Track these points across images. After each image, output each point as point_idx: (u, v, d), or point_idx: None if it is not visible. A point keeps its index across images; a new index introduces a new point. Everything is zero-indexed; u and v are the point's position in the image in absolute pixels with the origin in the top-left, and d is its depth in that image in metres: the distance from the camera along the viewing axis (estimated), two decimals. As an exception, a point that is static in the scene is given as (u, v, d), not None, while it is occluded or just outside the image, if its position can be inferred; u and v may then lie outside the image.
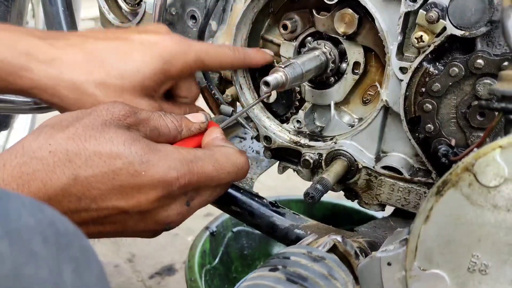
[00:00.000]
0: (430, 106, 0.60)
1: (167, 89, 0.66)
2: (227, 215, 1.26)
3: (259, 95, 0.75)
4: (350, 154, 0.68)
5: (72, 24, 0.84)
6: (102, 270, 0.36)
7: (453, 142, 0.57)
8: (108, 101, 0.58)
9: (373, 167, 0.68)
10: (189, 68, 0.65)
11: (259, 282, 0.44)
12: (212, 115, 0.90)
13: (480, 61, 0.55)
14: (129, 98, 0.60)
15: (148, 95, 0.63)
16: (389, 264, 0.45)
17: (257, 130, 0.76)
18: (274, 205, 0.74)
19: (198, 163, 0.55)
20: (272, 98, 0.75)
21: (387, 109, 0.66)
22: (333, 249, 0.52)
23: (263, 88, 0.62)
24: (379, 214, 0.90)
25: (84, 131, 0.50)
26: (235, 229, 1.28)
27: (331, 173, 0.67)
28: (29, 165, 0.47)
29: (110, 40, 0.62)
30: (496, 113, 0.44)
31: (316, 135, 0.73)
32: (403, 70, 0.61)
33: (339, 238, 0.51)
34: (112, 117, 0.52)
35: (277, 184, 1.88)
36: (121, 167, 0.49)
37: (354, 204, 1.27)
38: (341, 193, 0.75)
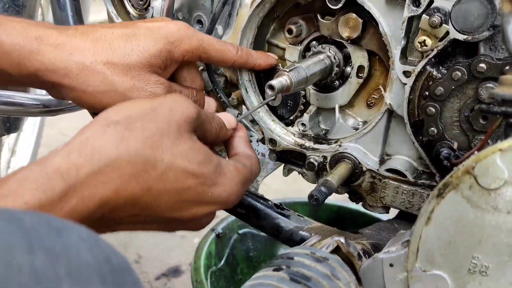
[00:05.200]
0: (433, 110, 0.60)
1: (171, 72, 0.68)
2: (233, 217, 1.27)
3: (264, 99, 0.76)
4: (354, 157, 0.69)
5: (81, 29, 0.85)
6: None
7: (455, 145, 0.58)
8: (117, 78, 0.60)
9: (377, 169, 0.68)
10: (192, 53, 0.65)
11: (263, 281, 0.45)
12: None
13: (482, 65, 0.55)
14: (137, 74, 0.61)
15: (156, 72, 0.63)
16: (391, 265, 0.46)
17: (263, 133, 0.77)
18: (279, 207, 0.74)
19: (247, 183, 0.60)
20: (277, 101, 0.76)
21: (391, 113, 0.67)
22: (336, 251, 0.52)
23: (268, 92, 0.63)
24: (384, 217, 0.90)
25: (161, 139, 0.49)
26: (241, 231, 1.28)
27: (336, 175, 0.67)
28: (106, 174, 0.46)
29: (117, 27, 0.64)
30: (497, 116, 0.45)
31: (321, 138, 0.74)
32: (406, 74, 0.62)
33: (342, 240, 0.52)
34: (184, 119, 0.52)
35: (283, 187, 1.88)
36: (191, 186, 0.51)
37: (359, 207, 1.28)
38: (347, 195, 0.75)
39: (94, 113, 0.79)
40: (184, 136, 0.52)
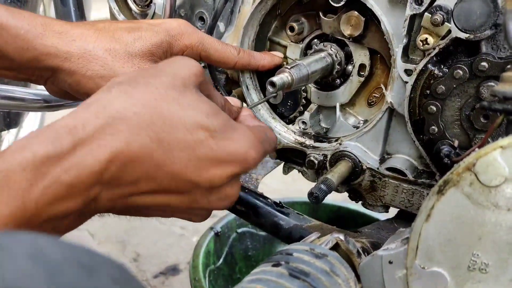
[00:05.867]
0: (434, 108, 0.60)
1: None
2: (232, 216, 1.27)
3: (265, 96, 0.76)
4: (354, 155, 0.69)
5: (83, 24, 0.86)
6: None
7: (456, 143, 0.58)
8: (118, 64, 0.60)
9: (378, 168, 0.68)
10: (192, 49, 0.66)
11: (262, 277, 0.45)
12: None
13: (484, 64, 0.55)
14: (138, 61, 0.62)
15: (156, 62, 0.64)
16: (390, 262, 0.46)
17: (263, 131, 0.76)
18: (279, 205, 0.74)
19: (265, 144, 0.56)
20: (278, 99, 0.76)
21: (392, 111, 0.66)
22: (336, 247, 0.52)
23: (269, 89, 0.63)
24: (384, 218, 0.90)
25: (166, 92, 0.48)
26: (239, 230, 1.28)
27: (336, 173, 0.67)
28: (113, 126, 0.45)
29: (120, 22, 0.67)
30: (498, 114, 0.45)
31: (321, 136, 0.74)
32: (408, 72, 0.62)
33: (341, 237, 0.52)
34: (189, 74, 0.52)
35: (282, 187, 1.88)
36: (202, 139, 0.49)
37: (359, 207, 1.28)
38: (346, 196, 0.75)
39: None
40: (190, 89, 0.51)
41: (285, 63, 0.74)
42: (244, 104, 0.80)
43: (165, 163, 0.47)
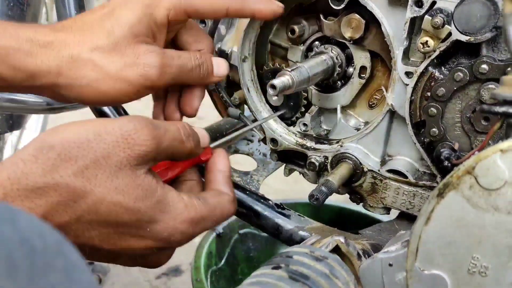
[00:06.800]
0: (435, 111, 0.60)
1: (164, 39, 0.63)
2: (233, 217, 1.26)
3: (266, 98, 0.76)
4: (355, 157, 0.69)
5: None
6: None
7: (456, 146, 0.58)
8: (106, 61, 0.57)
9: (378, 170, 0.68)
10: (174, 10, 0.60)
11: (262, 279, 0.45)
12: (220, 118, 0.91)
13: (484, 66, 0.55)
14: (124, 49, 0.58)
15: (143, 41, 0.59)
16: (390, 265, 0.46)
17: (264, 133, 0.77)
18: (280, 207, 0.74)
19: (201, 223, 0.55)
20: (279, 102, 0.76)
21: (392, 113, 0.67)
22: (336, 250, 0.52)
23: (270, 91, 0.63)
24: (386, 219, 0.90)
25: (95, 171, 0.47)
26: (241, 231, 1.28)
27: (337, 175, 0.67)
28: (32, 201, 0.45)
29: (97, 10, 0.62)
30: (498, 117, 0.45)
31: (322, 138, 0.74)
32: (408, 74, 0.62)
33: (341, 239, 0.52)
34: (129, 154, 0.49)
35: (284, 187, 1.88)
36: (127, 221, 0.49)
37: (361, 208, 1.27)
38: (348, 197, 0.75)
39: (100, 115, 0.78)
40: (123, 171, 0.49)
41: (284, 65, 0.75)
42: (247, 109, 0.81)
43: (83, 236, 0.48)
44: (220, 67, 0.66)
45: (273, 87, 0.62)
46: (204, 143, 0.60)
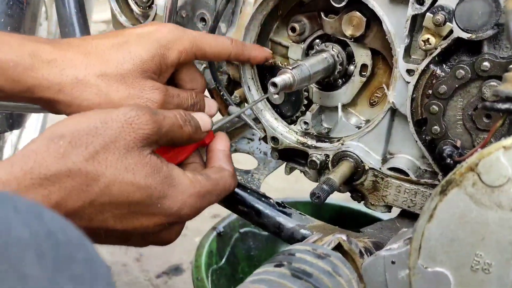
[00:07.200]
0: (436, 108, 0.60)
1: (168, 77, 0.67)
2: (234, 216, 1.27)
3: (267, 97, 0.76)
4: (356, 155, 0.69)
5: (84, 26, 0.86)
6: (109, 283, 0.31)
7: (458, 143, 0.58)
8: (111, 88, 0.59)
9: (380, 168, 0.68)
10: (186, 53, 0.64)
11: (265, 277, 0.45)
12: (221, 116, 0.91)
13: (486, 63, 0.55)
14: (131, 82, 0.61)
15: (150, 77, 0.63)
16: (393, 262, 0.46)
17: (265, 131, 0.77)
18: (281, 205, 0.74)
19: (207, 197, 0.58)
20: (280, 100, 0.76)
21: (394, 111, 0.66)
22: (338, 248, 0.52)
23: (271, 89, 0.63)
24: (386, 217, 0.90)
25: (105, 154, 0.49)
26: (242, 230, 1.28)
27: (338, 174, 0.67)
28: (46, 188, 0.46)
29: (108, 37, 0.64)
30: (501, 114, 0.45)
31: (323, 137, 0.74)
32: (410, 72, 0.62)
33: (344, 237, 0.52)
34: (135, 137, 0.52)
35: (285, 186, 1.88)
36: (138, 199, 0.51)
37: (362, 207, 1.27)
38: (349, 196, 0.75)
39: None
40: (131, 152, 0.51)
41: (285, 63, 0.74)
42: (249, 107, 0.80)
43: (97, 219, 0.50)
44: (210, 107, 0.71)
45: (274, 85, 0.62)
46: (206, 127, 0.63)
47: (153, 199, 0.52)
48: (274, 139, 0.76)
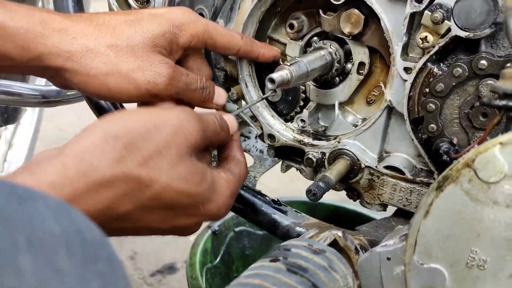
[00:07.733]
0: (433, 106, 0.60)
1: (177, 59, 0.66)
2: (229, 215, 1.26)
3: (264, 93, 0.76)
4: (353, 153, 0.69)
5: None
6: (127, 284, 0.33)
7: (455, 140, 0.58)
8: (121, 59, 0.59)
9: (376, 166, 0.68)
10: (198, 38, 0.64)
11: (260, 271, 0.45)
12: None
13: (483, 62, 0.55)
14: (141, 54, 0.61)
15: (161, 52, 0.62)
16: (388, 258, 0.46)
17: (262, 129, 0.76)
18: (276, 203, 0.74)
19: (236, 193, 0.61)
20: (277, 97, 0.76)
21: (391, 109, 0.66)
22: (334, 244, 0.52)
23: (268, 85, 0.63)
24: (382, 217, 0.90)
25: (158, 160, 0.50)
26: (237, 229, 1.28)
27: (334, 171, 0.67)
28: (100, 193, 0.47)
29: (121, 14, 0.65)
30: (498, 111, 0.45)
31: (320, 134, 0.74)
32: (407, 70, 0.62)
33: (339, 233, 0.52)
34: (186, 144, 0.53)
35: (280, 186, 1.88)
36: (186, 204, 0.53)
37: (357, 207, 1.28)
38: (344, 195, 0.75)
39: (96, 109, 0.78)
40: (183, 159, 0.52)
41: (281, 60, 0.74)
42: (245, 104, 0.80)
43: (143, 220, 0.52)
44: (220, 96, 0.70)
45: (272, 81, 0.62)
46: (233, 129, 0.65)
47: (198, 204, 0.54)
48: (271, 137, 0.75)
